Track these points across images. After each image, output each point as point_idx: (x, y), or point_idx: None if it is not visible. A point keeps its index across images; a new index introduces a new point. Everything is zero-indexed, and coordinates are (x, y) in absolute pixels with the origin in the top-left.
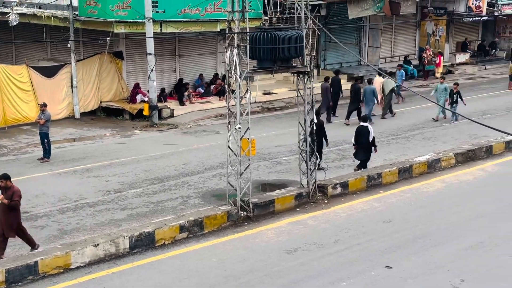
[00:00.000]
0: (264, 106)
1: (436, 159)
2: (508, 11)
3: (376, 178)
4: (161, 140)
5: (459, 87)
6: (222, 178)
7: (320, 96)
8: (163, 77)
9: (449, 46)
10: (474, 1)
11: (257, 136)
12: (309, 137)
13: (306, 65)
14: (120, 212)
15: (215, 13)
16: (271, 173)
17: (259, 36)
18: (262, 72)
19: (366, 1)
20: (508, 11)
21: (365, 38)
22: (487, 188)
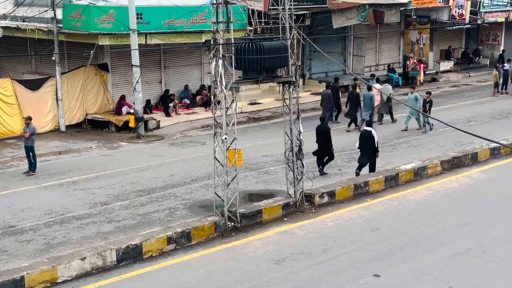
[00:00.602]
0: (250, 116)
1: (422, 166)
2: (490, 19)
3: (363, 186)
4: (147, 152)
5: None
6: (209, 189)
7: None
8: (148, 88)
9: (433, 54)
10: (457, 9)
11: (243, 146)
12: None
13: (291, 75)
14: (107, 224)
15: (200, 24)
16: (258, 183)
17: (244, 47)
18: (248, 83)
19: (350, 10)
20: (490, 19)
21: (350, 47)
22: (473, 195)
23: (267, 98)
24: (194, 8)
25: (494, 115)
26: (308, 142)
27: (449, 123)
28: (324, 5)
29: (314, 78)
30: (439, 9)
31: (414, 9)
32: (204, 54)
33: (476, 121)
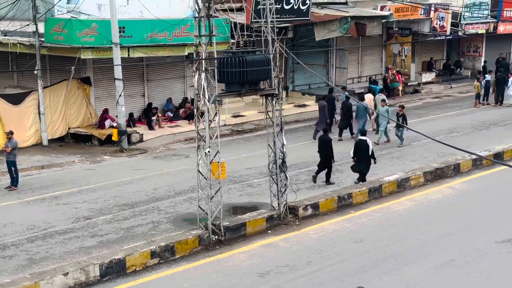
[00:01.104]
0: (234, 129)
1: (405, 178)
2: (471, 30)
3: (347, 198)
4: (130, 165)
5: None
6: (193, 202)
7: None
8: (131, 102)
9: (415, 65)
10: (438, 21)
11: (227, 159)
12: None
13: (274, 88)
14: (90, 239)
15: (182, 37)
16: (242, 196)
17: (226, 60)
18: (231, 96)
19: (332, 23)
20: (471, 30)
21: (332, 59)
22: (456, 206)
23: (250, 111)
24: (176, 22)
25: (476, 126)
26: (292, 154)
27: (432, 134)
28: (307, 18)
29: (297, 90)
30: (420, 21)
31: (396, 21)
32: (187, 67)
33: (458, 132)
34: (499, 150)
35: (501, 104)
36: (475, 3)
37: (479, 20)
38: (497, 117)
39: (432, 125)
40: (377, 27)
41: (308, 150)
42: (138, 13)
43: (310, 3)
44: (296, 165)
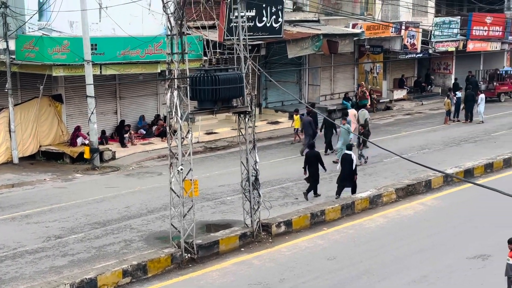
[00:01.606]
0: (207, 146)
1: (377, 194)
2: (441, 48)
3: (319, 215)
4: (102, 183)
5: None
6: (166, 220)
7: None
8: (104, 119)
9: (386, 82)
10: (408, 39)
11: (200, 176)
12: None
13: (247, 105)
14: (61, 258)
15: (155, 55)
16: (215, 213)
17: (199, 78)
18: (203, 113)
19: (304, 40)
20: (441, 48)
21: (305, 77)
22: (427, 222)
23: (223, 128)
24: (149, 39)
25: (447, 142)
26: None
27: (403, 151)
28: (279, 36)
29: (271, 107)
30: (391, 39)
31: (368, 39)
32: (160, 84)
33: (429, 149)
34: (470, 166)
35: (471, 121)
36: (445, 22)
37: (449, 38)
38: (467, 134)
39: (404, 142)
40: (349, 45)
41: (282, 167)
42: (111, 30)
43: (282, 21)
44: (269, 182)
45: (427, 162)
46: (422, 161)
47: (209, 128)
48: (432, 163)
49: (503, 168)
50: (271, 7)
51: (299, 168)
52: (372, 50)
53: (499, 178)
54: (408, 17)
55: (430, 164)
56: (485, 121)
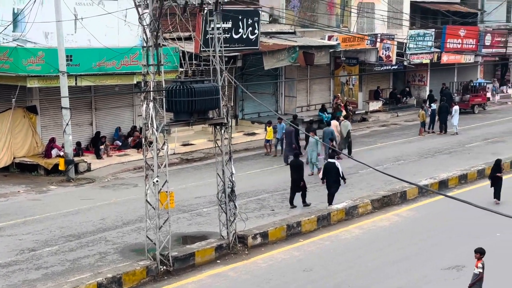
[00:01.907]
0: (183, 157)
1: (353, 206)
2: (416, 60)
3: (295, 226)
4: (77, 195)
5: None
6: (141, 232)
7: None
8: (79, 130)
9: (362, 94)
10: (384, 51)
11: (176, 188)
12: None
13: (223, 117)
14: (35, 272)
15: (131, 66)
16: (191, 225)
17: (175, 89)
18: (179, 125)
19: (281, 52)
20: (416, 60)
21: (281, 88)
22: (402, 233)
23: (200, 139)
24: (125, 50)
25: (422, 154)
26: (241, 182)
27: (379, 162)
28: (256, 47)
29: (247, 119)
30: (367, 51)
31: (343, 50)
32: (136, 95)
33: (404, 160)
34: (444, 177)
35: (446, 132)
36: (420, 34)
37: (423, 50)
38: (442, 145)
39: (379, 153)
40: (325, 57)
41: (258, 178)
42: (86, 41)
43: (258, 33)
44: (246, 194)
45: (402, 173)
46: (398, 172)
47: (185, 139)
48: (407, 174)
49: (477, 179)
50: (247, 19)
51: (276, 180)
52: (348, 62)
53: (473, 189)
54: (383, 29)
55: (405, 175)
56: (459, 133)
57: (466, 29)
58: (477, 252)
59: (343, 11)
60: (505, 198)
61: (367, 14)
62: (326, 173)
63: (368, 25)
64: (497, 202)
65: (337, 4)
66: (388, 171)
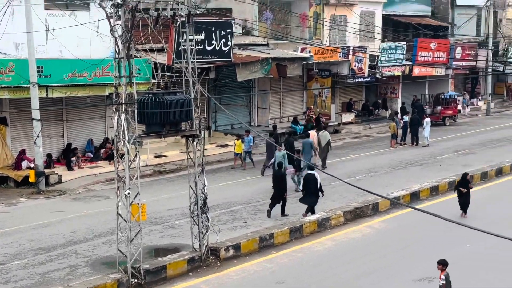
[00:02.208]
0: (156, 169)
1: (325, 217)
2: (388, 73)
3: (268, 238)
4: (48, 208)
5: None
6: (112, 245)
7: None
8: (50, 142)
9: (335, 106)
10: (356, 63)
11: (148, 200)
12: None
13: (195, 129)
14: (3, 286)
15: (103, 77)
16: (163, 238)
17: (147, 101)
18: (151, 137)
19: (254, 64)
20: (388, 73)
21: (254, 100)
22: (374, 244)
23: (172, 151)
24: (97, 61)
25: (394, 165)
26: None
27: (351, 174)
28: (229, 59)
29: (220, 130)
30: (339, 63)
31: (316, 63)
32: (108, 107)
33: (377, 172)
34: (416, 189)
35: (417, 144)
36: (391, 47)
37: (395, 62)
38: (414, 157)
39: (352, 165)
40: (297, 69)
41: (231, 190)
42: (58, 52)
43: (231, 45)
44: (218, 206)
45: (375, 185)
46: (370, 184)
47: (158, 151)
48: (379, 186)
49: (448, 190)
50: (220, 31)
51: (249, 191)
52: (321, 74)
53: (444, 200)
54: (356, 42)
55: (378, 187)
56: (430, 145)
57: (437, 42)
58: (440, 264)
59: (316, 24)
60: (475, 209)
61: (339, 27)
62: (305, 184)
63: (340, 38)
64: (463, 216)
65: (310, 17)
66: (361, 183)
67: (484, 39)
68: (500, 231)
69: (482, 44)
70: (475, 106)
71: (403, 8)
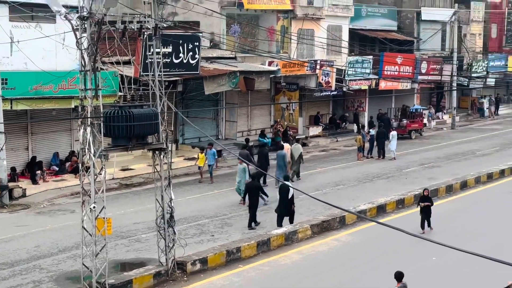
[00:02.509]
0: (122, 182)
1: (293, 231)
2: (355, 86)
3: (235, 252)
4: (11, 222)
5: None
6: (77, 259)
7: None
8: (14, 155)
9: (302, 119)
10: (323, 77)
11: (114, 213)
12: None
13: (162, 142)
14: None
15: (69, 90)
16: (129, 252)
17: (113, 114)
18: (117, 150)
19: (221, 77)
20: (355, 86)
21: (222, 113)
22: (341, 258)
23: (139, 164)
24: (62, 74)
25: (360, 178)
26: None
27: (319, 187)
28: (196, 72)
29: (187, 144)
30: (307, 77)
31: (284, 76)
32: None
33: (344, 185)
34: (382, 202)
35: (384, 157)
36: (358, 61)
37: (362, 76)
38: (380, 170)
39: (319, 178)
40: (265, 82)
41: (198, 203)
42: (23, 64)
43: (199, 58)
44: (185, 219)
45: (342, 198)
46: (337, 197)
47: (124, 164)
48: (346, 199)
49: (414, 203)
50: (187, 44)
51: (216, 205)
52: (288, 87)
53: (410, 213)
54: (323, 55)
55: (344, 200)
56: (397, 158)
57: (403, 56)
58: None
59: (283, 38)
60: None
61: (306, 41)
62: (280, 194)
63: (308, 52)
64: (422, 232)
65: (277, 30)
66: (328, 196)
67: (449, 53)
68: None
69: (447, 58)
70: (440, 120)
71: (370, 23)
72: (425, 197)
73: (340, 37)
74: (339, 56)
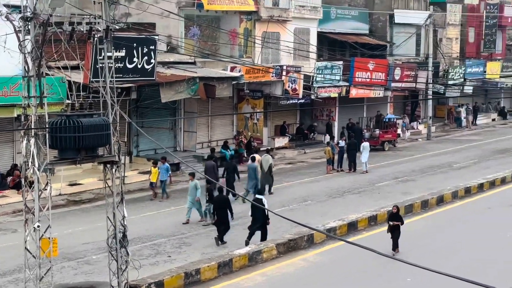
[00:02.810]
0: (70, 198)
1: (257, 250)
2: (324, 94)
3: (194, 274)
4: None
5: None
6: (19, 284)
7: None
8: None
9: (267, 129)
10: (290, 84)
11: (61, 233)
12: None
13: (114, 154)
14: None
15: (11, 97)
16: (77, 275)
17: (59, 124)
18: (64, 163)
19: (179, 83)
20: (324, 94)
21: (180, 123)
22: (308, 279)
23: (89, 178)
24: (4, 80)
25: (330, 193)
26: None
27: (285, 202)
28: (152, 78)
29: (142, 156)
30: (272, 84)
31: (247, 83)
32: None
33: (312, 200)
34: (353, 219)
35: (355, 170)
36: (327, 66)
37: (331, 83)
38: (351, 184)
39: (286, 193)
40: (227, 89)
41: (153, 221)
42: None
43: (155, 62)
44: (140, 239)
45: (310, 214)
46: (305, 213)
47: (73, 178)
48: (315, 215)
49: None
50: (142, 48)
51: (172, 222)
52: (252, 95)
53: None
54: (289, 61)
55: (313, 216)
56: (369, 171)
57: (375, 62)
58: None
59: (247, 41)
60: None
61: (272, 45)
62: (253, 209)
63: (273, 56)
64: (394, 253)
65: (240, 33)
66: (295, 213)
67: (424, 59)
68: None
69: (422, 64)
70: (415, 130)
71: (340, 26)
72: (394, 214)
73: (307, 41)
74: (307, 61)
